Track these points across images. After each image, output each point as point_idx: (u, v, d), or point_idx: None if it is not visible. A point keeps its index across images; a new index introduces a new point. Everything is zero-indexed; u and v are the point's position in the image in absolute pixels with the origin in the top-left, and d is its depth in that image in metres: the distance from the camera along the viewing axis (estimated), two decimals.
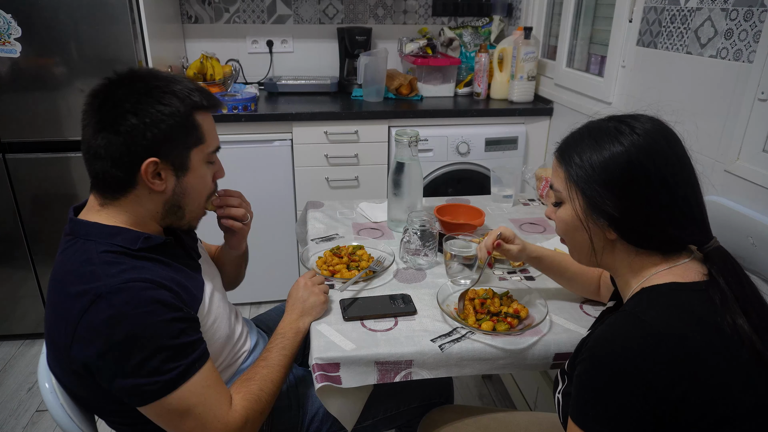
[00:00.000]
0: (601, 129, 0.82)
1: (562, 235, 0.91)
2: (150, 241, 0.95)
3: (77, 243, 0.92)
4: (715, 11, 1.43)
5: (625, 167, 0.78)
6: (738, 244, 1.29)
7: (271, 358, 1.04)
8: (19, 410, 2.00)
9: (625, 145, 0.79)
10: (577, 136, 0.85)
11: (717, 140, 1.44)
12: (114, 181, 0.93)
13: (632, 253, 0.83)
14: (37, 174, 2.12)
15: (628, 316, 0.76)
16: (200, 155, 0.98)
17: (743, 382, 0.71)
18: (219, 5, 2.68)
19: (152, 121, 0.90)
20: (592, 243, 0.85)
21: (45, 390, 0.97)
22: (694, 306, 0.75)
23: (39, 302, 2.32)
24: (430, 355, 1.03)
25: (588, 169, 0.81)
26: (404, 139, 1.41)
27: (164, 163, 0.93)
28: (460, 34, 2.81)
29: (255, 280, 2.48)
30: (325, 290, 1.16)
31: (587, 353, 0.76)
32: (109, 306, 0.83)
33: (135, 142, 0.89)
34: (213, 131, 1.00)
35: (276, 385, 1.01)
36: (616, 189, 0.79)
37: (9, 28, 1.92)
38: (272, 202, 2.39)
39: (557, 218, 0.89)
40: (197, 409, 0.88)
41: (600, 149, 0.80)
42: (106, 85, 0.92)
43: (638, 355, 0.71)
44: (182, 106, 0.92)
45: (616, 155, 0.79)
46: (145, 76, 0.94)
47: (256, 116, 2.25)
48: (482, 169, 2.42)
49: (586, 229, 0.84)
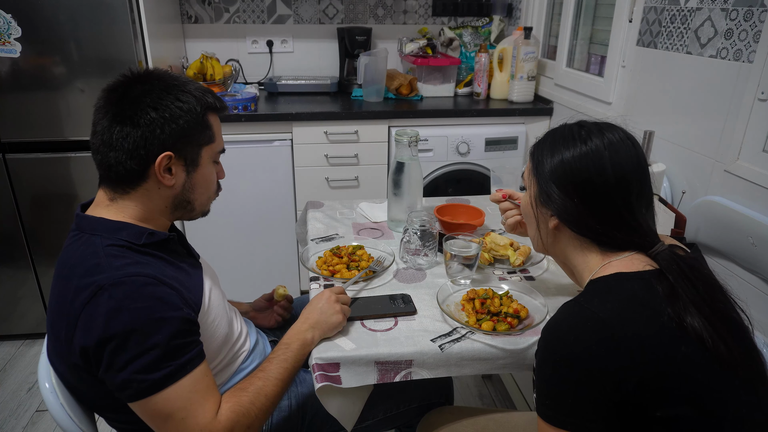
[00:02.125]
0: (563, 132, 0.91)
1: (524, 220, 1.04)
2: (154, 237, 0.97)
3: (82, 237, 0.94)
4: (715, 11, 1.43)
5: (567, 169, 0.87)
6: (738, 244, 1.29)
7: (270, 370, 1.00)
8: (19, 410, 2.00)
9: (572, 152, 0.87)
10: (547, 134, 0.94)
11: (717, 140, 1.44)
12: (126, 174, 0.95)
13: (576, 245, 0.91)
14: (37, 174, 2.12)
15: (573, 305, 0.80)
16: (209, 153, 1.02)
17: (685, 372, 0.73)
18: (219, 5, 2.68)
19: (171, 117, 0.94)
20: (539, 229, 0.96)
21: (45, 390, 0.97)
22: (636, 292, 0.79)
23: (39, 302, 2.32)
24: (430, 355, 1.03)
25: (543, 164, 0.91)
26: (404, 139, 1.41)
27: (177, 158, 0.97)
28: (460, 34, 2.81)
29: (255, 280, 2.49)
30: (346, 312, 1.09)
31: (538, 346, 0.81)
32: (109, 298, 0.84)
33: (153, 135, 0.93)
34: (220, 133, 1.05)
35: (270, 400, 0.97)
36: (560, 185, 0.88)
37: (9, 28, 1.92)
38: (272, 202, 2.39)
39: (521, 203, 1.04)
40: (180, 413, 0.87)
41: (554, 150, 0.90)
42: (123, 82, 0.96)
43: (581, 340, 0.74)
44: (198, 105, 0.97)
45: (565, 159, 0.88)
46: (163, 75, 0.99)
47: (256, 116, 2.25)
48: (482, 169, 2.42)
49: (535, 215, 0.95)
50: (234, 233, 2.42)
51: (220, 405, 0.92)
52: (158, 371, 0.85)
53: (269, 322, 1.40)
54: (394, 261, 1.33)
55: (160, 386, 0.85)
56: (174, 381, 0.86)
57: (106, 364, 0.84)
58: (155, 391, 0.85)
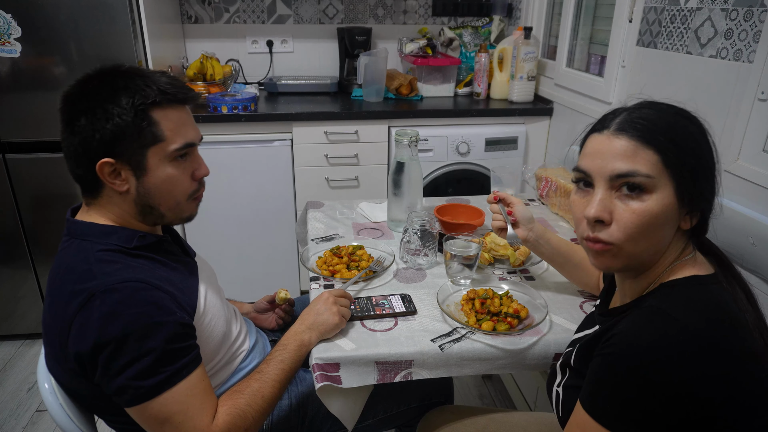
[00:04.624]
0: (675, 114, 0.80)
1: (638, 233, 0.75)
2: (145, 240, 0.96)
3: (74, 243, 0.93)
4: (715, 11, 1.43)
5: (706, 150, 0.78)
6: (738, 244, 1.29)
7: (267, 371, 0.99)
8: (19, 410, 2.00)
9: (698, 128, 0.79)
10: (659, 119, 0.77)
11: (717, 140, 1.42)
12: (81, 181, 0.94)
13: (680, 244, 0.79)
14: (37, 174, 2.12)
15: (657, 312, 0.71)
16: (160, 154, 0.93)
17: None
18: (219, 5, 2.68)
19: (99, 121, 0.88)
20: (660, 239, 0.77)
21: (45, 390, 0.97)
22: (719, 299, 0.72)
23: (39, 302, 2.32)
24: (430, 355, 1.03)
25: (684, 150, 0.75)
26: (404, 139, 1.41)
27: (120, 162, 0.91)
28: (460, 34, 2.81)
29: (255, 280, 2.49)
30: (345, 314, 1.08)
31: (612, 349, 0.71)
32: (102, 304, 0.83)
33: (88, 141, 0.89)
34: (182, 127, 0.94)
35: (267, 402, 0.96)
36: (705, 172, 0.77)
37: (9, 28, 1.92)
38: (272, 202, 2.39)
39: (638, 212, 0.74)
40: (177, 417, 0.86)
41: (686, 133, 0.77)
42: (73, 85, 0.93)
43: (673, 356, 0.66)
44: (130, 103, 0.89)
45: (699, 139, 0.78)
46: (104, 73, 0.92)
47: (256, 116, 2.25)
48: (482, 169, 2.42)
49: (678, 219, 0.77)
50: (234, 233, 2.42)
51: (217, 408, 0.91)
52: (154, 377, 0.84)
53: (270, 324, 1.40)
54: (394, 261, 1.33)
55: (156, 392, 0.85)
56: (170, 386, 0.86)
57: (102, 370, 0.84)
58: (151, 396, 0.85)
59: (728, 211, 1.34)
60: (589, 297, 1.21)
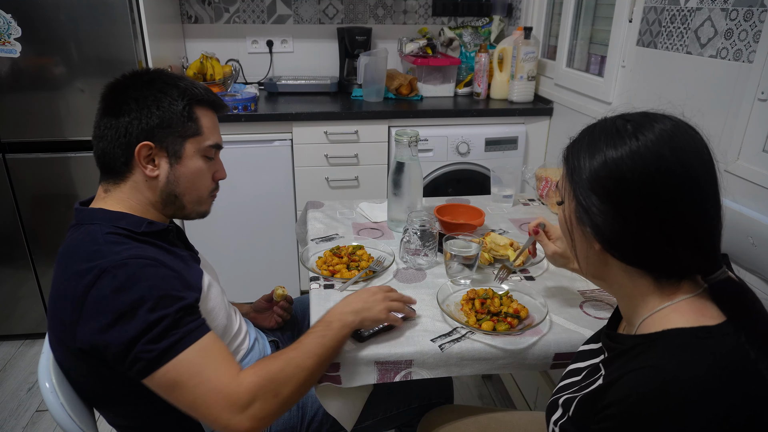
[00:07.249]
0: (603, 127, 0.73)
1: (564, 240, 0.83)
2: (153, 226, 0.99)
3: (82, 228, 0.95)
4: (715, 11, 1.43)
5: (614, 173, 0.69)
6: (738, 244, 1.29)
7: (306, 342, 0.94)
8: (19, 410, 2.00)
9: (620, 150, 0.69)
10: (584, 132, 0.77)
11: (717, 140, 1.44)
12: (113, 162, 0.98)
13: (628, 272, 0.74)
14: (37, 174, 2.12)
15: (660, 372, 0.64)
16: (195, 146, 1.02)
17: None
18: (219, 5, 2.68)
19: (150, 106, 0.97)
20: (575, 250, 0.78)
21: (45, 390, 0.97)
22: (732, 359, 0.65)
23: (39, 302, 2.32)
24: (430, 355, 1.03)
25: (581, 169, 0.72)
26: (404, 139, 1.41)
27: (158, 148, 0.98)
28: (460, 34, 2.81)
29: (254, 280, 2.49)
30: (395, 319, 1.05)
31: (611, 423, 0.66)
32: (113, 279, 0.85)
33: (133, 124, 0.96)
34: (214, 129, 1.06)
35: (303, 371, 0.90)
36: (603, 197, 0.70)
37: (9, 28, 1.92)
38: (272, 202, 2.39)
39: (559, 219, 0.82)
40: (193, 380, 0.84)
41: (594, 151, 0.71)
42: (118, 78, 1.01)
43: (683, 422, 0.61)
44: (181, 96, 0.99)
45: (610, 160, 0.69)
46: (154, 71, 1.02)
47: (256, 116, 2.25)
48: (482, 169, 2.42)
49: (571, 235, 0.78)
50: (234, 233, 2.42)
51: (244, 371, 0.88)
52: (166, 339, 0.84)
53: (269, 323, 1.40)
54: (394, 261, 1.33)
55: (168, 355, 0.84)
56: (183, 348, 0.85)
57: (115, 344, 0.84)
58: (164, 360, 0.84)
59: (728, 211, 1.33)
60: (589, 297, 1.21)
